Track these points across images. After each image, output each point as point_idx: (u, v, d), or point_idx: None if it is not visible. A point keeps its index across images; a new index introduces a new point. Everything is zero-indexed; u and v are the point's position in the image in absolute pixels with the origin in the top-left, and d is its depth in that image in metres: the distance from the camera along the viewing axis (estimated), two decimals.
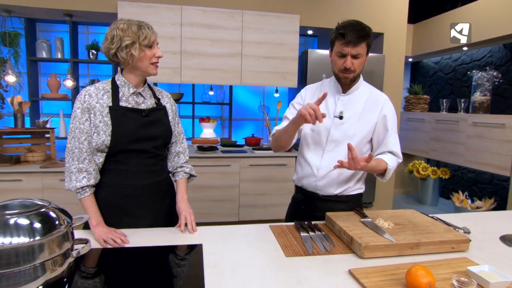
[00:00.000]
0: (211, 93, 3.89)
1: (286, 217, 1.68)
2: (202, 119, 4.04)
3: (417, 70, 5.24)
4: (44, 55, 3.66)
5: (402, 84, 3.66)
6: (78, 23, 3.70)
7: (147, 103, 1.34)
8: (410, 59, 4.98)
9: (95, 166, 1.24)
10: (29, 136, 3.12)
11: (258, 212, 3.34)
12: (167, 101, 1.43)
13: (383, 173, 1.44)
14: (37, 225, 0.76)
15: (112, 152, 1.24)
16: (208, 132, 4.07)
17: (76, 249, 0.83)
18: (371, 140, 1.51)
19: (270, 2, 3.28)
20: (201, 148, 3.31)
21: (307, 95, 1.57)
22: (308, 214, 1.53)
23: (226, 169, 3.24)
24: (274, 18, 3.21)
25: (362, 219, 1.30)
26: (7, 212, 0.75)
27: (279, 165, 3.28)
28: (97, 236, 1.16)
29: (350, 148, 1.22)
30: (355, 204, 1.51)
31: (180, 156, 1.47)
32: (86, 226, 1.25)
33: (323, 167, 1.46)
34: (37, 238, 0.74)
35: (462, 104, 3.81)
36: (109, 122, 1.22)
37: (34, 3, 2.86)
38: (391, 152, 1.46)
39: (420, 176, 4.28)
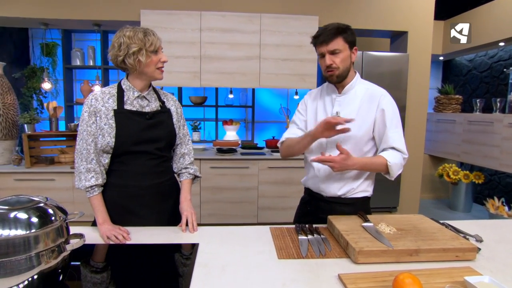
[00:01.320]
0: (230, 96, 3.95)
1: (294, 218, 1.68)
2: (225, 122, 4.12)
3: (449, 69, 4.97)
4: (78, 62, 3.92)
5: (428, 84, 3.49)
6: (108, 32, 3.93)
7: (152, 106, 1.39)
8: (441, 58, 4.73)
9: (102, 166, 1.32)
10: (63, 138, 3.36)
11: (277, 215, 3.33)
12: (172, 104, 1.48)
13: (388, 171, 1.38)
14: (34, 219, 0.83)
15: (117, 153, 1.31)
16: (231, 134, 4.14)
17: (70, 243, 0.89)
18: (374, 139, 1.47)
19: (288, 4, 3.28)
20: (220, 150, 3.37)
21: (309, 99, 1.58)
22: (313, 215, 1.52)
23: (244, 171, 3.27)
24: (292, 20, 3.21)
25: (363, 224, 1.27)
26: (7, 207, 0.82)
27: (297, 167, 3.26)
28: (101, 233, 1.23)
29: (338, 148, 1.26)
30: (360, 207, 1.46)
31: (185, 157, 1.52)
32: (94, 223, 1.33)
33: (324, 167, 1.44)
34: (33, 230, 0.81)
35: (498, 104, 3.56)
36: (114, 125, 1.29)
37: (66, 15, 3.08)
38: (393, 148, 1.40)
39: (450, 180, 4.05)
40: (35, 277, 0.82)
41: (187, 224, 1.33)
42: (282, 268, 1.03)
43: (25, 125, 3.09)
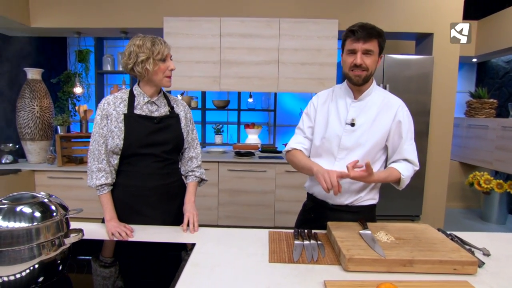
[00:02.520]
0: (250, 100, 4.00)
1: (296, 224, 1.67)
2: (247, 125, 4.18)
3: (484, 72, 4.69)
4: (108, 68, 4.16)
5: (455, 87, 3.32)
6: None
7: (161, 111, 1.46)
8: (474, 60, 4.48)
9: (112, 166, 1.41)
10: None
11: (294, 219, 3.30)
12: (182, 109, 1.54)
13: (398, 181, 1.39)
14: (37, 213, 0.91)
15: (125, 154, 1.39)
16: (252, 138, 4.19)
17: (69, 237, 0.96)
18: (386, 148, 1.45)
19: (307, 8, 3.27)
20: (238, 154, 3.42)
21: (319, 102, 1.53)
22: (317, 222, 1.49)
23: (262, 175, 3.29)
24: (312, 24, 3.20)
25: (360, 231, 1.25)
26: (13, 202, 0.91)
27: None
28: (107, 229, 1.31)
29: (367, 167, 1.24)
30: (367, 215, 1.44)
31: (192, 160, 1.57)
32: (104, 220, 1.42)
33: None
34: (35, 223, 0.89)
35: None
36: (123, 128, 1.37)
37: (96, 24, 3.30)
38: (406, 160, 1.40)
39: (482, 189, 3.81)
40: (36, 266, 0.90)
41: (188, 225, 1.38)
42: (270, 271, 1.04)
43: (58, 127, 3.33)
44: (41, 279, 0.92)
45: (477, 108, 4.12)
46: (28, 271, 0.89)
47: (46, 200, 0.96)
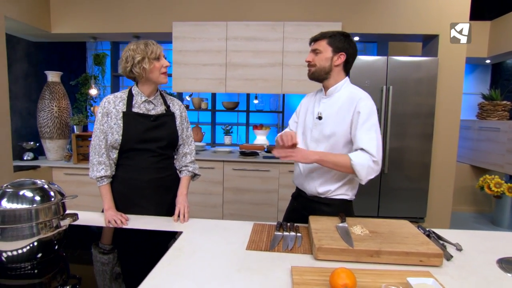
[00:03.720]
0: (255, 101, 4.09)
1: (285, 213, 1.75)
2: (255, 126, 4.27)
3: (498, 73, 4.59)
4: None
5: (461, 89, 3.28)
6: None
7: (157, 109, 1.58)
8: (488, 61, 4.39)
9: (112, 160, 1.53)
10: None
11: None
12: (177, 108, 1.66)
13: (352, 170, 1.38)
14: (37, 197, 1.04)
15: (123, 149, 1.51)
16: (260, 138, 4.28)
17: (65, 219, 1.08)
18: None
19: (311, 12, 3.34)
20: (243, 153, 3.52)
21: (304, 101, 1.67)
22: (299, 211, 1.62)
23: (266, 174, 3.37)
24: (315, 27, 3.26)
25: (337, 224, 1.31)
26: (17, 187, 1.04)
27: None
28: (105, 217, 1.44)
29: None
30: (341, 210, 1.49)
31: (187, 156, 1.68)
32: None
33: (306, 166, 1.53)
34: (35, 205, 1.02)
35: None
36: (121, 125, 1.49)
37: (110, 29, 3.49)
38: (362, 150, 1.39)
39: (492, 193, 3.73)
40: (35, 243, 1.02)
41: (179, 216, 1.49)
42: (244, 257, 1.12)
43: (75, 126, 3.54)
44: (39, 255, 1.04)
45: (489, 110, 4.04)
46: (28, 247, 1.01)
47: (45, 186, 1.09)
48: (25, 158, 3.51)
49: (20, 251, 1.01)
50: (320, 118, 1.51)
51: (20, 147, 3.52)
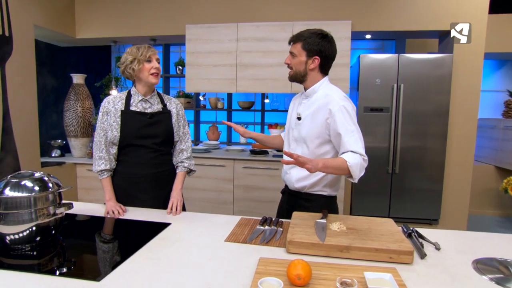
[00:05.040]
0: (266, 101, 4.14)
1: (279, 205, 1.81)
2: (270, 126, 4.33)
3: None
4: None
5: (479, 86, 3.14)
6: (170, 45, 4.49)
7: (154, 108, 1.69)
8: None
9: (112, 155, 1.66)
10: None
11: None
12: (174, 107, 1.76)
13: (348, 172, 1.39)
14: (36, 187, 1.17)
15: (122, 145, 1.64)
16: None
17: (60, 208, 1.21)
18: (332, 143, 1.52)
19: (320, 11, 3.34)
20: (253, 152, 3.59)
21: (291, 103, 1.73)
22: (284, 205, 1.71)
23: (275, 172, 3.42)
24: (324, 26, 3.19)
25: (316, 220, 1.34)
26: (19, 177, 1.18)
27: None
28: (106, 207, 1.56)
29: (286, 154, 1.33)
30: (322, 205, 1.53)
31: (183, 152, 1.78)
32: None
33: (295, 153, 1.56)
34: (33, 194, 1.15)
35: None
36: (120, 122, 1.62)
37: (128, 33, 3.70)
38: (352, 152, 1.40)
39: None
40: (34, 228, 1.15)
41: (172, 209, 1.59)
42: (220, 248, 1.19)
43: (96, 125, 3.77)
44: (38, 238, 1.17)
45: None
46: (28, 231, 1.15)
47: (45, 178, 1.22)
48: (53, 155, 3.80)
49: (20, 235, 1.14)
50: (299, 118, 1.55)
51: (49, 144, 3.81)
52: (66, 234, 1.31)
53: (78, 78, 3.80)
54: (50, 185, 1.22)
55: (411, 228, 1.37)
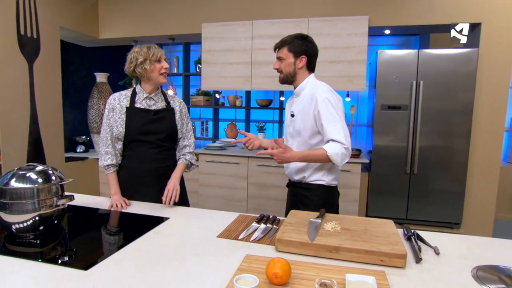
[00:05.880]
0: (282, 98, 4.11)
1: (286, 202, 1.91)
2: None
3: None
4: None
5: (509, 83, 2.93)
6: (190, 43, 4.57)
7: (158, 105, 1.73)
8: None
9: (117, 150, 1.72)
10: None
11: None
12: (177, 105, 1.79)
13: (328, 159, 1.52)
14: (40, 179, 1.23)
15: (127, 141, 1.69)
16: None
17: (62, 199, 1.27)
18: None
19: (336, 6, 3.26)
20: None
21: (287, 103, 1.82)
22: (290, 197, 1.83)
23: None
24: (340, 22, 3.17)
25: (311, 219, 1.32)
26: (25, 170, 1.25)
27: (343, 171, 3.20)
28: (111, 201, 1.62)
29: (276, 143, 1.59)
30: (319, 193, 1.65)
31: (186, 148, 1.82)
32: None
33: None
34: (36, 185, 1.21)
35: None
36: (125, 118, 1.67)
37: (148, 32, 3.81)
38: (333, 140, 1.52)
39: None
40: (37, 218, 1.22)
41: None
42: (210, 244, 1.20)
43: None
44: (41, 228, 1.24)
45: None
46: (31, 220, 1.21)
47: (49, 171, 1.29)
48: (78, 151, 4.00)
49: (25, 224, 1.21)
50: (292, 115, 1.69)
51: (74, 140, 4.02)
52: (69, 225, 1.38)
53: (101, 77, 3.96)
54: (53, 178, 1.28)
55: (412, 231, 1.31)
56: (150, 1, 3.76)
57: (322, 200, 1.65)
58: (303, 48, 1.62)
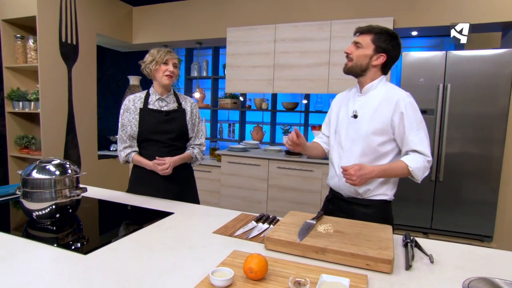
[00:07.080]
0: (304, 101, 4.09)
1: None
2: (314, 127, 4.28)
3: None
4: (195, 74, 4.89)
5: None
6: (219, 47, 4.72)
7: (169, 106, 1.84)
8: None
9: (134, 144, 1.83)
10: None
11: None
12: (189, 105, 1.89)
13: (411, 175, 1.40)
14: (57, 171, 1.37)
15: (140, 140, 1.81)
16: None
17: (77, 190, 1.40)
18: (395, 142, 1.47)
19: (359, 8, 3.20)
20: (288, 152, 3.59)
21: (334, 102, 1.68)
22: (334, 214, 1.53)
23: (309, 174, 3.38)
24: (364, 23, 3.08)
25: (307, 220, 1.33)
26: (44, 162, 1.39)
27: None
28: (154, 168, 1.73)
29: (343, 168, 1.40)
30: (380, 211, 1.48)
31: (196, 147, 1.90)
32: (128, 190, 1.87)
33: (342, 165, 1.45)
34: (54, 176, 1.35)
35: None
36: (138, 119, 1.79)
37: (177, 37, 4.01)
38: (415, 151, 1.38)
39: None
40: (53, 206, 1.35)
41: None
42: (205, 238, 1.26)
43: None
44: (57, 215, 1.37)
45: None
46: (49, 208, 1.35)
47: (66, 165, 1.43)
48: (111, 149, 4.28)
49: (43, 211, 1.35)
50: (355, 116, 1.48)
51: (108, 139, 4.31)
52: (83, 215, 1.51)
53: (134, 80, 4.22)
54: (69, 171, 1.41)
55: (411, 238, 1.27)
56: (179, 8, 3.95)
57: (385, 218, 1.45)
58: (388, 47, 1.42)
